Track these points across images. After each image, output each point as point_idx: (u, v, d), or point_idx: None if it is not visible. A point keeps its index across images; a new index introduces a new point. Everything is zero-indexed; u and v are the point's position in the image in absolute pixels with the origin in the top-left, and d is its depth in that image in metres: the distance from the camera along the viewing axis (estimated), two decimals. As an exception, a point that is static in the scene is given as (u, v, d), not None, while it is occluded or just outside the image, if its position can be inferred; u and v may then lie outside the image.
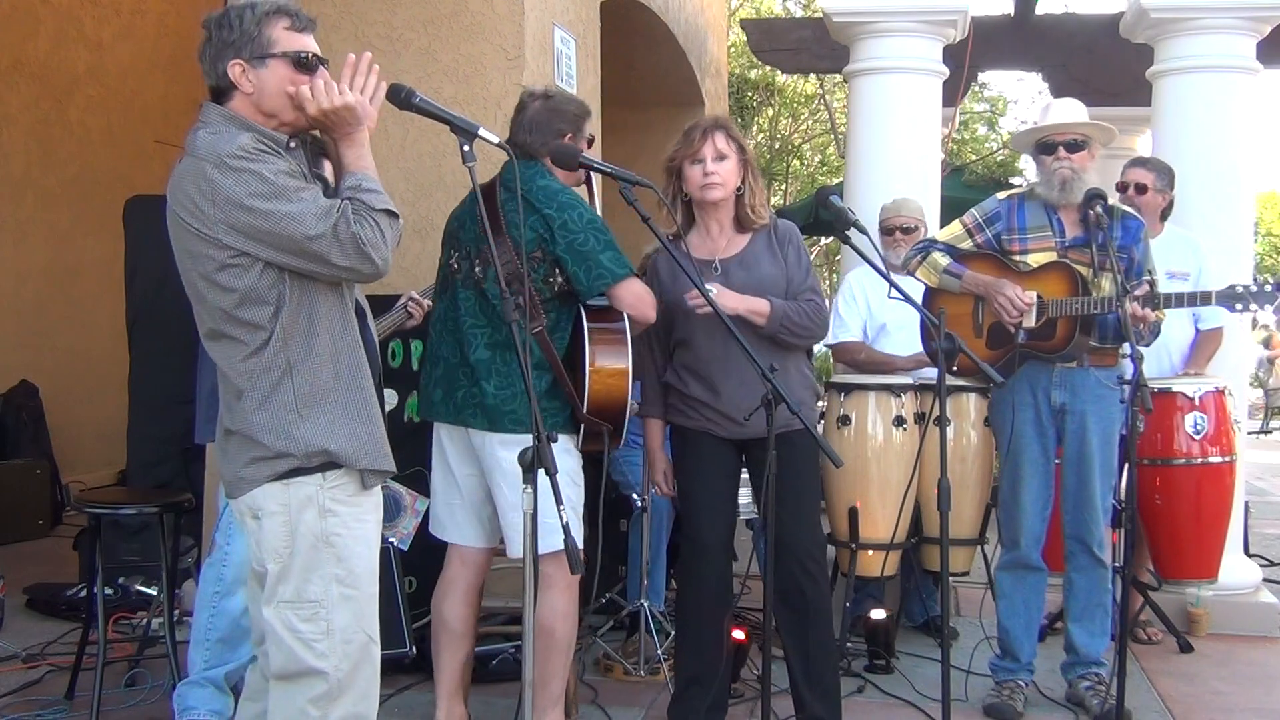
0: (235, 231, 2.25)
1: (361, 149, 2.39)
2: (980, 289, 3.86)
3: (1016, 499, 3.88)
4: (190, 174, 2.28)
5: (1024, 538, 3.88)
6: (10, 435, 7.07)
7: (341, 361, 2.38)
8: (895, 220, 4.82)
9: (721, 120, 3.48)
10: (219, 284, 2.29)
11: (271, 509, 2.34)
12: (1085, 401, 3.80)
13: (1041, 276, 3.81)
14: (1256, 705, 4.09)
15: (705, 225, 3.48)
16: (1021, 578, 3.93)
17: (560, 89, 3.29)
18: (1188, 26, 5.15)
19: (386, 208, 2.35)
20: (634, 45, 7.76)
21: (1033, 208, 3.87)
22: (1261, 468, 11.10)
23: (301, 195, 2.27)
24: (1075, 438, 3.81)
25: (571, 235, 3.13)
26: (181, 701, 3.41)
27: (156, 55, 8.41)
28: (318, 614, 2.34)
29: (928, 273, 3.96)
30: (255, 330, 2.31)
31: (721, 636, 3.44)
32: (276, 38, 2.35)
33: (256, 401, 2.32)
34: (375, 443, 2.42)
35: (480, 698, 3.77)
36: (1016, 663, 3.95)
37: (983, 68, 7.59)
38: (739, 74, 13.35)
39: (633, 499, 4.43)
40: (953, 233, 4.02)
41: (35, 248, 7.60)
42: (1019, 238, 3.87)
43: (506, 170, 3.16)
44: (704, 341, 3.40)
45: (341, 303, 2.41)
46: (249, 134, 2.29)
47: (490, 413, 3.14)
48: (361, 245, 2.28)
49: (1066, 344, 3.74)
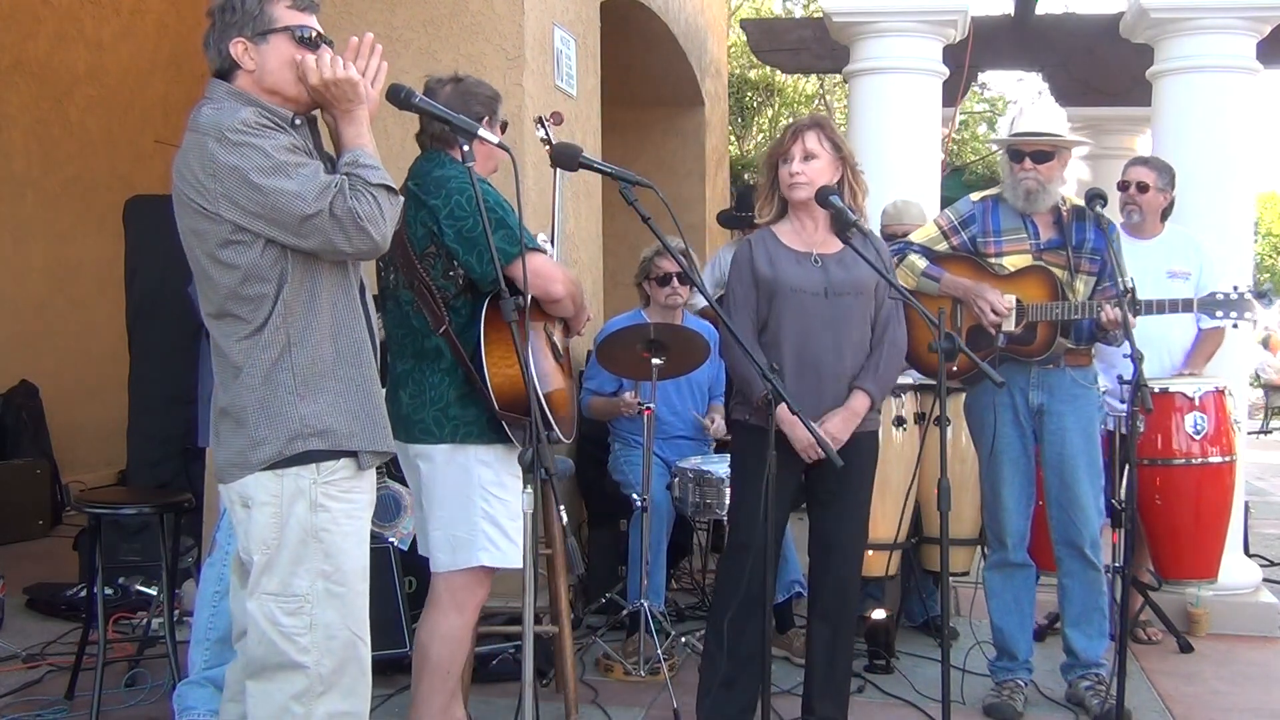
0: (236, 206, 2.25)
1: (361, 126, 2.40)
2: (960, 292, 3.86)
3: (999, 499, 3.89)
4: (193, 148, 2.29)
5: (1009, 537, 3.89)
6: (10, 435, 7.06)
7: (342, 338, 2.38)
8: (896, 228, 4.81)
9: (819, 119, 3.50)
10: (223, 261, 2.29)
11: (262, 499, 2.33)
12: (1062, 401, 3.80)
13: (1019, 280, 3.81)
14: (1256, 705, 4.09)
15: (800, 220, 3.49)
16: (1010, 575, 3.95)
17: (468, 75, 3.24)
18: (1188, 26, 5.15)
19: (384, 183, 2.35)
20: (634, 45, 7.77)
21: (1006, 210, 3.86)
22: (1261, 468, 11.09)
23: (301, 171, 2.27)
24: (1055, 438, 3.81)
25: (459, 222, 2.93)
26: (181, 701, 3.40)
27: (156, 55, 8.41)
28: (301, 608, 2.32)
29: (905, 275, 3.95)
30: (258, 307, 2.30)
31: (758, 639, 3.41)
32: (278, 15, 2.38)
33: (256, 380, 2.31)
34: (375, 423, 2.41)
35: (480, 698, 3.78)
36: (1014, 661, 3.95)
37: (983, 68, 7.60)
38: (739, 74, 13.35)
39: (633, 499, 4.43)
40: (928, 234, 4.01)
41: (35, 248, 7.59)
42: (994, 240, 3.87)
43: (413, 165, 3.11)
44: (786, 335, 3.39)
45: (345, 279, 2.41)
46: (251, 108, 2.30)
47: (404, 423, 3.01)
48: (359, 220, 2.27)
49: (1047, 348, 3.75)
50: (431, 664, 3.06)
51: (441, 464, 3.01)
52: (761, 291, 3.40)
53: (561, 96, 5.24)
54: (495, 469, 3.02)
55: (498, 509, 3.00)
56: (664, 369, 4.28)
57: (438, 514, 3.03)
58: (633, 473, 4.65)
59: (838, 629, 3.47)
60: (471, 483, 2.98)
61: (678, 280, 4.68)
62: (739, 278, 3.44)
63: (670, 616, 4.58)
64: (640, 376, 4.36)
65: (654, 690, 4.04)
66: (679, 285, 4.71)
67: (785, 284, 3.38)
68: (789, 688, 3.85)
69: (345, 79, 2.36)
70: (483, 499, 2.99)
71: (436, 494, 3.03)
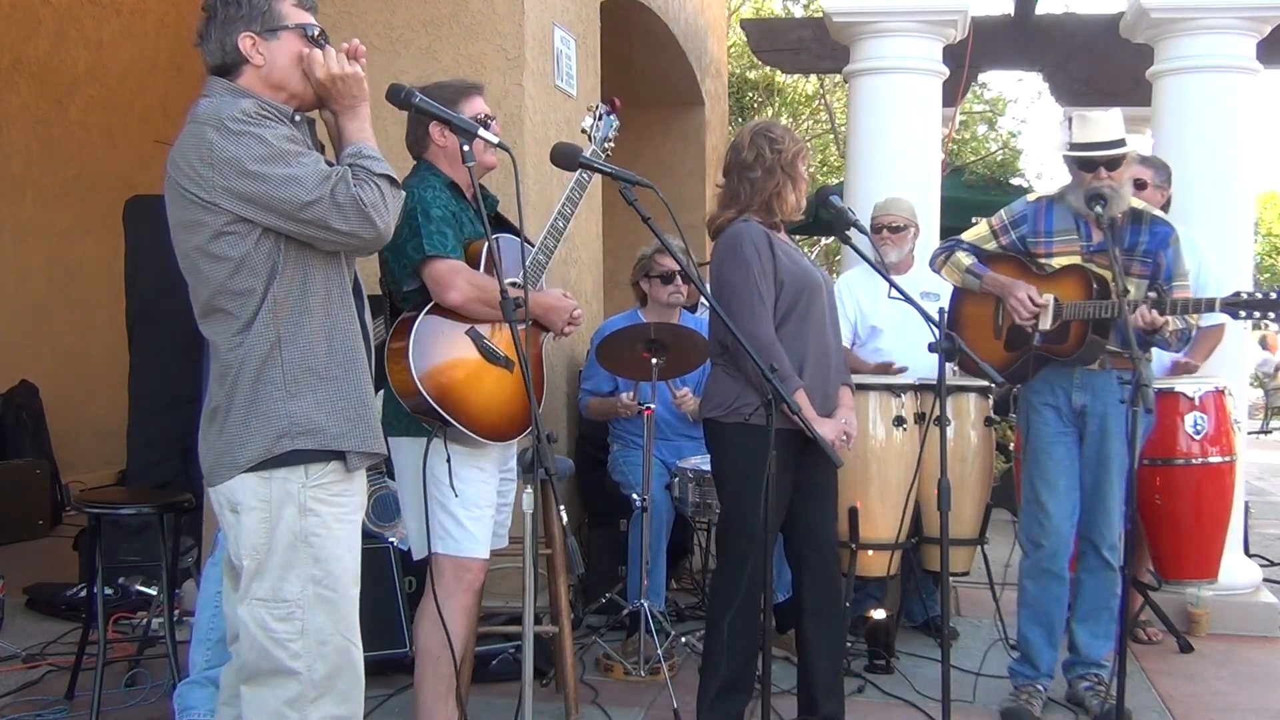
0: (233, 195, 2.24)
1: (363, 122, 2.41)
2: (998, 290, 3.86)
3: (1039, 501, 3.84)
4: (190, 138, 2.28)
5: (1048, 540, 3.82)
6: (10, 435, 7.06)
7: (336, 337, 2.37)
8: (883, 219, 4.85)
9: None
10: (214, 254, 2.28)
11: (250, 504, 2.31)
12: (1106, 404, 3.77)
13: (1058, 280, 3.80)
14: (1256, 705, 4.09)
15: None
16: (1045, 587, 3.86)
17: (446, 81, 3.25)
18: (1188, 26, 5.15)
19: (388, 173, 2.36)
20: (634, 45, 7.77)
21: (1061, 211, 3.84)
22: (1261, 468, 11.10)
23: (302, 160, 2.27)
24: (1095, 439, 3.79)
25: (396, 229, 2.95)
26: (182, 701, 3.40)
27: (156, 55, 8.41)
28: (292, 614, 2.30)
29: (951, 271, 3.98)
30: (245, 301, 2.29)
31: (757, 639, 3.41)
32: (285, 12, 2.38)
33: (246, 377, 2.29)
34: (365, 424, 2.40)
35: (480, 698, 3.78)
36: (1035, 670, 3.92)
37: (983, 68, 7.59)
38: (739, 74, 13.35)
39: (633, 499, 4.43)
40: (979, 233, 4.02)
41: (35, 248, 7.60)
42: (1044, 240, 3.86)
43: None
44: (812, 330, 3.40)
45: (339, 276, 2.40)
46: (250, 100, 2.30)
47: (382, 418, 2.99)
48: (363, 207, 2.27)
49: (1078, 347, 3.72)
50: (420, 651, 3.13)
51: (402, 456, 3.10)
52: (789, 285, 3.33)
53: (561, 96, 5.24)
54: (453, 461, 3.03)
55: (450, 498, 3.03)
56: (664, 369, 4.29)
57: (406, 504, 3.15)
58: (632, 473, 4.66)
59: (832, 625, 3.46)
60: (430, 475, 3.03)
61: (680, 278, 4.69)
62: (760, 269, 3.30)
63: (670, 616, 4.58)
64: (640, 377, 4.36)
65: (654, 690, 4.04)
66: (681, 283, 4.71)
67: (814, 278, 3.39)
68: (789, 688, 3.85)
69: (352, 74, 2.38)
70: (436, 488, 3.03)
71: (404, 485, 3.14)
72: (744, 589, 3.30)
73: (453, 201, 3.10)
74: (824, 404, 3.37)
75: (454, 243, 3.02)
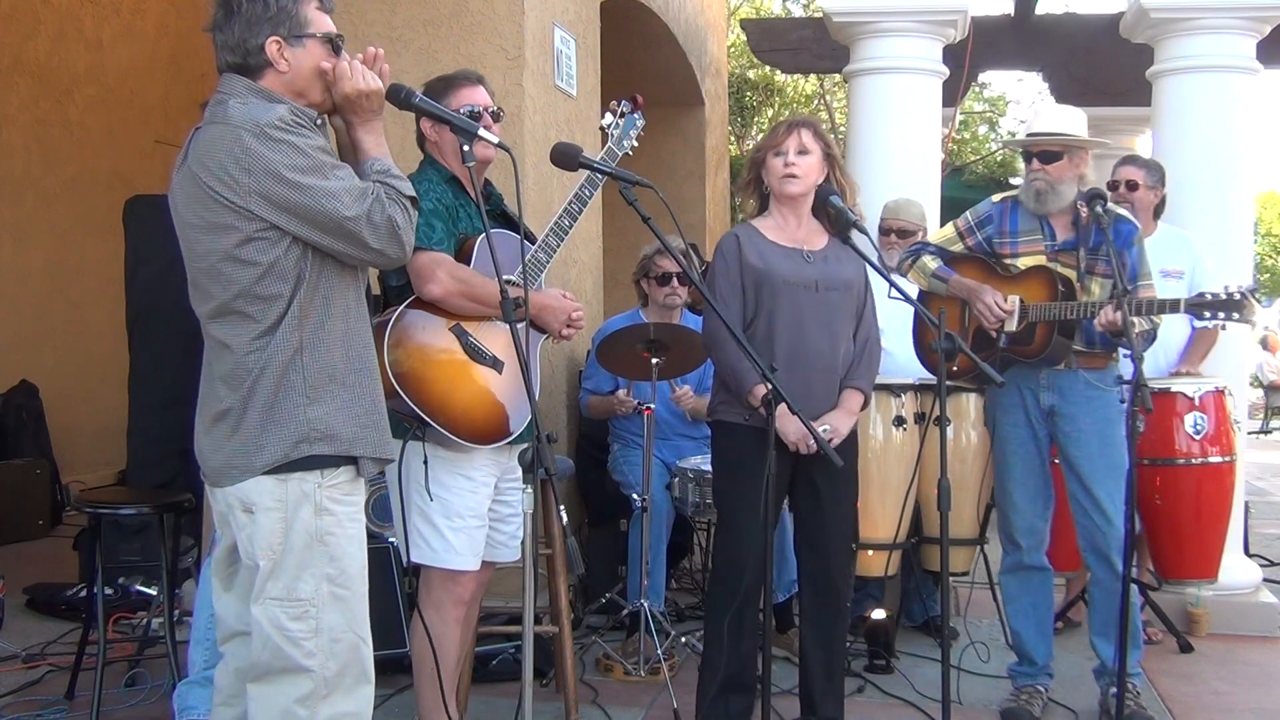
0: (269, 203, 2.23)
1: (381, 136, 2.42)
2: (964, 293, 3.86)
3: (1010, 500, 3.87)
4: (224, 141, 2.23)
5: (1023, 538, 3.86)
6: (10, 435, 7.06)
7: (353, 343, 2.38)
8: (893, 223, 4.82)
9: (810, 120, 3.53)
10: (242, 259, 2.26)
11: (267, 504, 2.31)
12: (1075, 404, 3.76)
13: (1023, 281, 3.80)
14: (1256, 705, 4.09)
15: (783, 215, 3.49)
16: (1025, 579, 3.90)
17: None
18: (1188, 26, 5.15)
19: (412, 195, 2.39)
20: (634, 45, 7.77)
21: (1024, 211, 3.85)
22: (1261, 468, 11.10)
23: (338, 174, 2.27)
24: (1069, 440, 3.77)
25: None
26: (181, 701, 3.40)
27: (156, 55, 8.42)
28: (307, 612, 2.31)
29: (918, 275, 3.98)
30: (270, 306, 2.28)
31: (756, 638, 3.41)
32: (311, 17, 2.36)
33: (267, 382, 2.28)
34: (378, 430, 2.41)
35: (480, 698, 3.78)
36: (1034, 666, 3.91)
37: (983, 68, 7.60)
38: (739, 74, 13.35)
39: (633, 499, 4.43)
40: (945, 235, 4.03)
41: (35, 248, 7.59)
42: (1010, 241, 3.86)
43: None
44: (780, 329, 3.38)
45: (356, 284, 2.41)
46: (284, 106, 2.28)
47: None
48: (396, 229, 2.31)
49: (1044, 349, 3.72)
50: (416, 655, 3.11)
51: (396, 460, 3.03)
52: (749, 285, 3.38)
53: (561, 96, 5.24)
54: (434, 466, 2.96)
55: (430, 506, 2.96)
56: (664, 369, 4.29)
57: (393, 506, 3.06)
58: (632, 473, 4.66)
59: (832, 628, 3.46)
60: (409, 478, 2.95)
61: (677, 280, 4.69)
62: (724, 272, 3.41)
63: (670, 616, 4.58)
64: (640, 376, 4.36)
65: (654, 690, 4.04)
66: (678, 285, 4.71)
67: (778, 277, 3.37)
68: (789, 688, 3.85)
69: (375, 90, 2.38)
70: (419, 495, 2.97)
71: (391, 487, 3.05)
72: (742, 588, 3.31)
73: (449, 195, 3.06)
74: (806, 404, 3.24)
75: (441, 235, 2.96)
